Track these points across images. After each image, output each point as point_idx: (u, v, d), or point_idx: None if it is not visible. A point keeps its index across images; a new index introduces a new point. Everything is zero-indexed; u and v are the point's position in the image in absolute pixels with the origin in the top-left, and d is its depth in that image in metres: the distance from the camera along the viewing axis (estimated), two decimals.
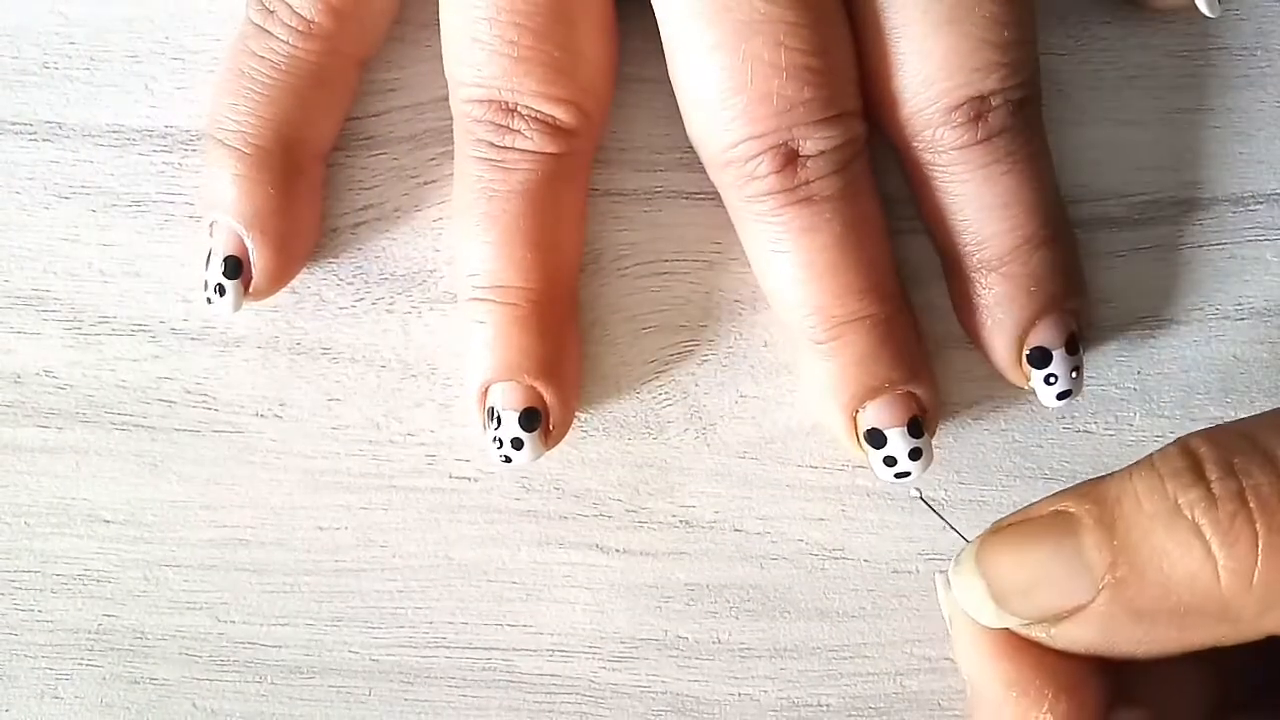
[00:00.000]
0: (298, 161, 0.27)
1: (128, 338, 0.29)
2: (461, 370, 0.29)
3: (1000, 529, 0.22)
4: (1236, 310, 0.29)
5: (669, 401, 0.29)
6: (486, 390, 0.27)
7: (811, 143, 0.25)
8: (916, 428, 0.26)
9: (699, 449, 0.29)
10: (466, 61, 0.26)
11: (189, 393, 0.29)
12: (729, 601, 0.29)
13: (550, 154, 0.26)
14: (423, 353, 0.29)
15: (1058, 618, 0.21)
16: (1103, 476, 0.22)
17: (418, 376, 0.29)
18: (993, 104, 0.25)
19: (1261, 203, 0.29)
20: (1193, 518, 0.20)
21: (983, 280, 0.26)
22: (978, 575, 0.22)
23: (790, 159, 0.25)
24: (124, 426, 0.29)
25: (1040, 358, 0.26)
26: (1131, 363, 0.29)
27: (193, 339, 0.29)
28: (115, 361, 0.29)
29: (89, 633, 0.29)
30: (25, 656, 0.30)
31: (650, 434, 0.29)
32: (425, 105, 0.29)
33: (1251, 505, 0.20)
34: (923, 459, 0.27)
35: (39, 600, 0.30)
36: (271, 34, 0.26)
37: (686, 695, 0.29)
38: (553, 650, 0.29)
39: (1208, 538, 0.20)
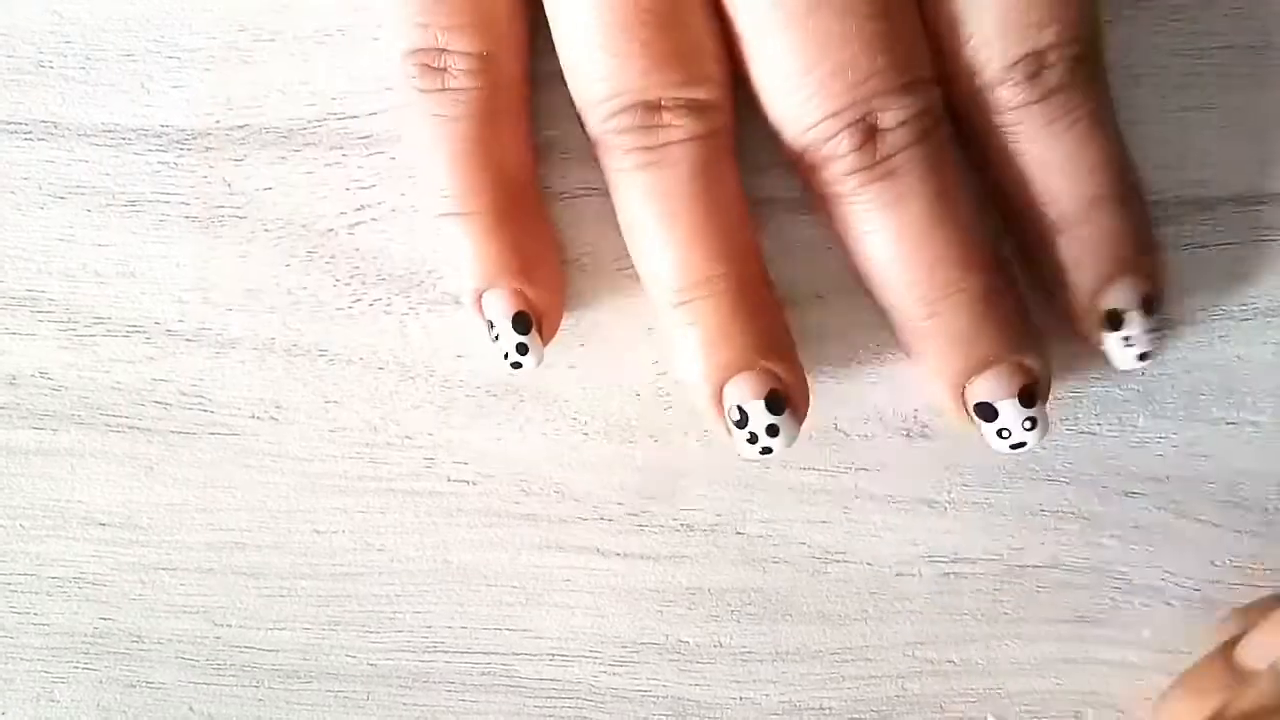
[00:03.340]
0: (521, 199, 0.27)
1: (123, 339, 0.29)
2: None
3: None
4: (1241, 311, 0.29)
5: (670, 403, 0.29)
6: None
7: (890, 114, 0.24)
8: (1029, 397, 0.26)
9: (700, 452, 0.29)
10: (597, 76, 0.25)
11: (184, 395, 0.29)
12: (730, 605, 0.29)
13: (703, 136, 0.25)
14: (420, 355, 0.29)
15: None
16: None
17: (415, 379, 0.29)
18: (1049, 60, 0.25)
19: (1267, 202, 0.28)
20: None
21: (1051, 242, 0.26)
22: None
23: (869, 134, 0.25)
24: (119, 429, 0.29)
25: (1115, 320, 0.26)
26: None
27: (188, 340, 0.29)
28: (110, 363, 0.29)
29: (85, 636, 0.29)
30: (21, 659, 0.29)
31: (651, 437, 0.29)
32: None
33: None
34: (1039, 428, 0.26)
35: (35, 603, 0.29)
36: (449, 89, 0.26)
37: (688, 699, 0.29)
38: (553, 654, 0.29)
39: None
